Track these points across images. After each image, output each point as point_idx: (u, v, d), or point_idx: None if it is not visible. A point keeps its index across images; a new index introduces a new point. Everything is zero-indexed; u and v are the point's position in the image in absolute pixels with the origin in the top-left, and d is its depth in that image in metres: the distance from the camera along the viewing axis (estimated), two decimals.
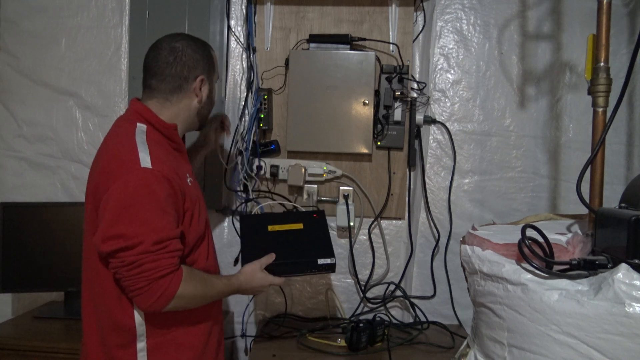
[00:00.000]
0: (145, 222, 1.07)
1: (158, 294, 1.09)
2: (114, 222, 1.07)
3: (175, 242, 1.12)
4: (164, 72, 1.24)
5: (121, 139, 1.18)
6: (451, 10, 1.89)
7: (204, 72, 1.28)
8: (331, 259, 1.43)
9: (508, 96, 1.88)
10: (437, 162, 1.91)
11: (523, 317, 1.01)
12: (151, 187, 1.09)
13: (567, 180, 1.86)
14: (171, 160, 1.20)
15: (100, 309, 1.19)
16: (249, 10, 1.91)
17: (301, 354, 1.60)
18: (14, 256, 1.80)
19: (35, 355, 1.60)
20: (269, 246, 1.41)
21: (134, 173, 1.09)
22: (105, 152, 1.19)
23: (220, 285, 1.25)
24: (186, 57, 1.25)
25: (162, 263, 1.09)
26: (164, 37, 1.28)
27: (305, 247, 1.47)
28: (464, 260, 1.24)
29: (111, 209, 1.07)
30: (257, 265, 1.34)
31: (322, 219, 1.57)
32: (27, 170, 1.99)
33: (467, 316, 1.55)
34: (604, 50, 1.19)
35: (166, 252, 1.09)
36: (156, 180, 1.10)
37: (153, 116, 1.23)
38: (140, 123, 1.22)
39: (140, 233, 1.07)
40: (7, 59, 1.98)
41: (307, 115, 1.85)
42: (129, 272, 1.07)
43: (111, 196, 1.08)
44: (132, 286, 1.08)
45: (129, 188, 1.08)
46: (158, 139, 1.22)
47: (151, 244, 1.07)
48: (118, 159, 1.13)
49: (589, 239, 1.14)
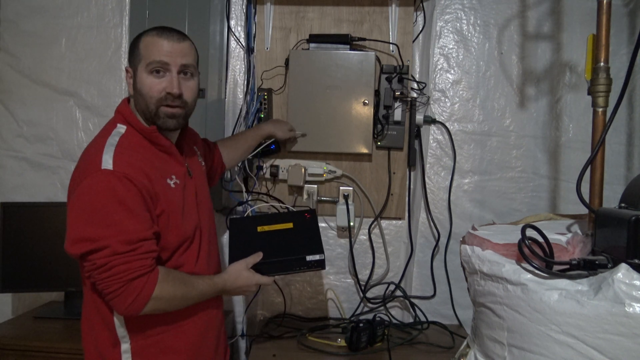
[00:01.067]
0: (112, 223, 1.06)
1: (133, 296, 1.07)
2: (79, 225, 1.06)
3: (148, 244, 1.10)
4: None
5: (94, 142, 1.18)
6: (451, 10, 1.89)
7: (129, 63, 1.24)
8: (320, 255, 1.39)
9: (508, 96, 1.88)
10: (437, 162, 1.91)
11: (523, 317, 1.01)
12: (114, 188, 1.07)
13: (567, 180, 1.86)
14: (148, 162, 1.17)
15: (91, 307, 1.19)
16: (249, 11, 1.91)
17: (301, 354, 1.60)
18: (14, 256, 1.80)
19: (35, 355, 1.60)
20: (257, 246, 1.39)
21: (94, 175, 1.08)
22: (82, 153, 1.20)
23: (202, 285, 1.21)
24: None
25: (134, 265, 1.07)
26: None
27: (294, 245, 1.44)
28: (464, 260, 1.24)
29: (75, 212, 1.07)
30: (243, 265, 1.31)
31: (313, 218, 1.55)
32: (27, 170, 1.99)
33: (467, 316, 1.55)
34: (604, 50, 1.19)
35: (138, 254, 1.07)
36: (118, 180, 1.08)
37: (132, 117, 1.21)
38: (120, 124, 1.20)
39: (107, 235, 1.05)
40: (7, 59, 1.99)
41: (307, 115, 1.85)
42: (101, 275, 1.06)
43: (75, 199, 1.08)
44: (106, 289, 1.07)
45: (91, 190, 1.07)
46: (138, 142, 1.19)
47: (119, 245, 1.05)
48: (83, 162, 1.14)
49: (589, 239, 1.14)
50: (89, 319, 1.20)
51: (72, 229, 1.07)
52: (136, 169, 1.13)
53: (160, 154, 1.23)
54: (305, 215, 1.56)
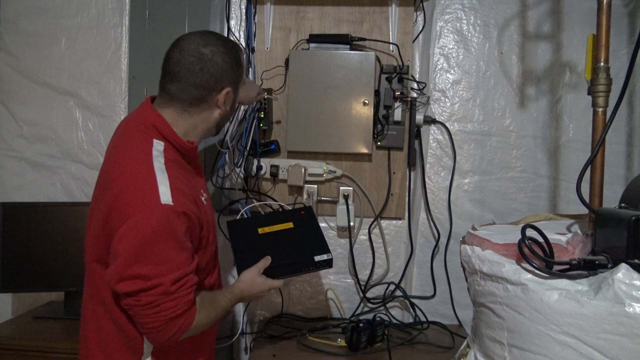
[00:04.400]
0: (165, 260, 1.02)
1: (173, 331, 1.06)
2: (131, 262, 1.00)
3: (192, 277, 1.08)
4: (187, 81, 1.13)
5: (137, 162, 1.08)
6: (451, 10, 1.89)
7: (231, 84, 1.18)
8: (327, 255, 1.41)
9: (508, 96, 1.88)
10: (437, 162, 1.91)
11: (523, 317, 1.01)
12: (172, 225, 1.02)
13: (567, 180, 1.86)
14: (188, 183, 1.13)
15: (108, 322, 1.13)
16: (249, 11, 1.91)
17: (301, 354, 1.60)
18: (14, 256, 1.80)
19: (35, 355, 1.60)
20: (263, 249, 1.39)
21: (154, 211, 1.01)
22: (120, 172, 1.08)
23: (225, 301, 1.22)
24: (214, 67, 1.13)
25: (180, 301, 1.05)
26: (192, 37, 1.15)
27: (300, 246, 1.44)
28: (464, 260, 1.24)
29: (129, 248, 1.00)
30: (255, 271, 1.31)
31: (311, 215, 1.56)
32: (27, 170, 1.99)
33: (467, 316, 1.55)
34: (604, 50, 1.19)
35: (184, 290, 1.05)
36: (177, 217, 1.03)
37: (172, 134, 1.14)
38: (157, 140, 1.12)
39: (160, 273, 1.01)
40: (7, 59, 1.99)
41: (307, 115, 1.85)
42: (145, 312, 1.03)
43: (129, 233, 1.00)
44: (147, 325, 1.04)
45: (149, 227, 1.00)
46: (175, 158, 1.14)
47: (170, 284, 1.02)
48: (136, 190, 1.04)
49: (589, 239, 1.14)
50: (102, 336, 1.14)
51: (123, 266, 1.00)
52: (189, 198, 1.09)
53: (190, 169, 1.21)
54: (301, 213, 1.57)
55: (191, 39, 1.15)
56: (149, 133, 1.13)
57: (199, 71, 1.12)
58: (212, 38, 1.16)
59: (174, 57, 1.14)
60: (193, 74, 1.12)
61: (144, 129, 1.13)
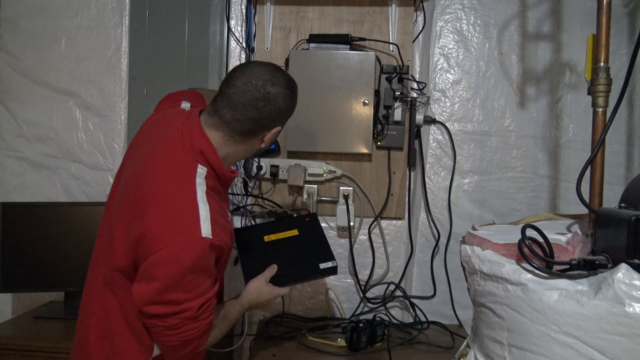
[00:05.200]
0: (195, 287, 1.05)
1: (188, 349, 1.10)
2: (165, 290, 1.03)
3: (214, 300, 1.11)
4: (246, 114, 1.13)
5: (181, 188, 1.08)
6: (451, 10, 1.89)
7: (282, 123, 1.21)
8: (332, 262, 1.44)
9: (508, 96, 1.88)
10: (437, 162, 1.91)
11: (523, 317, 1.01)
12: (207, 256, 1.05)
13: (567, 180, 1.86)
14: (223, 212, 1.17)
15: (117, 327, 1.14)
16: (249, 11, 1.91)
17: (301, 354, 1.60)
18: (14, 256, 1.80)
19: (35, 355, 1.60)
20: (269, 258, 1.42)
21: (194, 243, 1.03)
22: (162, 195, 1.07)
23: (235, 313, 1.26)
24: (275, 107, 1.15)
25: (202, 324, 1.08)
26: (261, 71, 1.15)
27: (305, 253, 1.47)
28: (464, 260, 1.24)
29: (167, 276, 1.02)
30: (262, 280, 1.33)
31: (316, 221, 1.58)
32: (27, 170, 1.99)
33: (467, 316, 1.55)
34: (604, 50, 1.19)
35: (207, 312, 1.09)
36: (212, 249, 1.06)
37: (217, 162, 1.14)
38: (201, 165, 1.12)
39: (189, 299, 1.05)
40: (7, 59, 1.99)
41: (307, 115, 1.85)
42: (167, 331, 1.06)
43: (168, 261, 1.02)
44: (166, 343, 1.08)
45: (188, 258, 1.02)
46: (214, 185, 1.15)
47: (197, 308, 1.06)
48: (178, 217, 1.05)
49: (589, 239, 1.14)
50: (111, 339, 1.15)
51: (157, 291, 1.02)
52: (225, 230, 1.12)
53: (223, 193, 1.23)
54: (306, 220, 1.59)
55: (261, 72, 1.15)
56: (194, 156, 1.12)
57: (262, 108, 1.13)
58: (281, 77, 1.17)
59: (238, 85, 1.13)
60: (254, 110, 1.13)
61: (191, 152, 1.12)
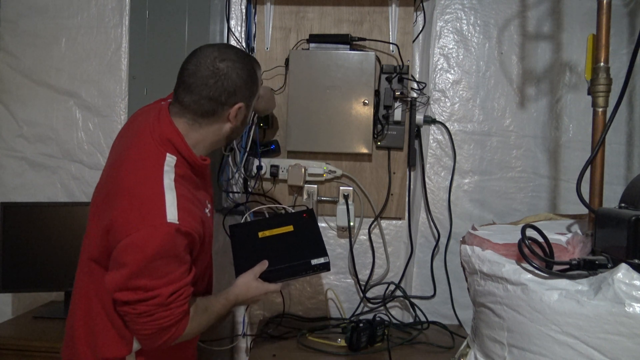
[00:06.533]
0: (164, 274, 1.06)
1: (165, 338, 1.10)
2: (133, 275, 1.03)
3: (187, 288, 1.11)
4: (201, 93, 1.13)
5: (148, 176, 1.09)
6: (451, 10, 1.89)
7: (244, 99, 1.18)
8: (324, 258, 1.41)
9: (508, 96, 1.88)
10: (437, 162, 1.91)
11: (523, 317, 1.01)
12: (176, 243, 1.06)
13: (567, 180, 1.86)
14: (195, 200, 1.16)
15: (98, 320, 1.15)
16: (249, 11, 1.91)
17: (301, 354, 1.60)
18: (14, 256, 1.80)
19: (35, 355, 1.60)
20: (261, 253, 1.39)
21: (159, 228, 1.04)
22: (128, 179, 1.10)
23: (219, 307, 1.24)
24: (228, 82, 1.14)
25: (174, 312, 1.08)
26: (209, 50, 1.16)
27: (297, 249, 1.44)
28: (464, 260, 1.24)
29: (133, 262, 1.03)
30: (251, 275, 1.32)
31: (312, 218, 1.56)
32: (27, 170, 1.99)
33: (467, 316, 1.55)
34: (604, 50, 1.19)
35: (179, 301, 1.08)
36: (181, 235, 1.06)
37: (186, 149, 1.15)
38: (170, 154, 1.13)
39: (158, 285, 1.05)
40: (7, 59, 1.99)
41: (307, 115, 1.85)
42: (140, 319, 1.06)
43: (134, 247, 1.03)
44: (140, 331, 1.08)
45: (154, 243, 1.03)
46: (185, 173, 1.15)
47: (167, 295, 1.06)
48: (144, 205, 1.06)
49: (589, 239, 1.14)
50: (93, 332, 1.16)
51: (125, 277, 1.04)
52: (195, 217, 1.12)
53: (198, 182, 1.22)
54: (303, 216, 1.57)
55: (209, 51, 1.16)
56: (164, 147, 1.14)
57: (213, 85, 1.13)
58: (230, 53, 1.17)
59: (190, 68, 1.15)
60: (207, 87, 1.13)
61: (160, 141, 1.14)
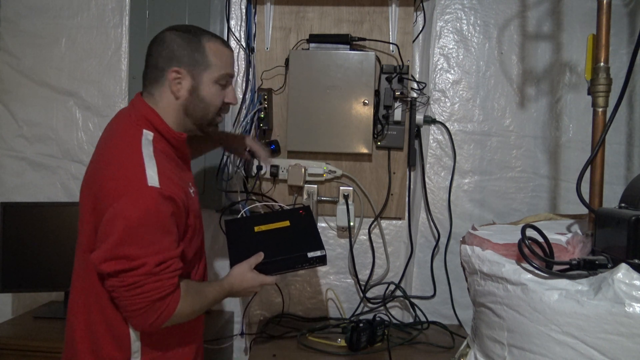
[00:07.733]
0: (150, 243, 1.04)
1: (156, 315, 1.07)
2: (118, 244, 1.02)
3: (176, 262, 1.09)
4: (147, 63, 1.19)
5: (126, 149, 1.10)
6: (451, 10, 1.89)
7: (181, 64, 1.16)
8: (321, 251, 1.38)
9: (508, 96, 1.88)
10: (437, 162, 1.91)
11: (523, 317, 1.01)
12: (158, 208, 1.04)
13: (567, 180, 1.86)
14: (176, 173, 1.15)
15: (98, 320, 1.14)
16: (249, 11, 1.91)
17: (301, 354, 1.60)
18: (14, 256, 1.80)
19: (35, 355, 1.60)
20: (257, 246, 1.38)
21: (141, 192, 1.03)
22: (109, 160, 1.11)
23: (213, 293, 1.23)
24: (168, 49, 1.16)
25: (164, 284, 1.06)
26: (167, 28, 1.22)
27: (294, 242, 1.43)
28: (464, 260, 1.24)
29: (116, 230, 1.02)
30: (246, 266, 1.30)
31: (309, 214, 1.55)
32: (27, 170, 1.99)
33: (467, 316, 1.55)
34: (604, 50, 1.19)
35: (168, 272, 1.07)
36: (164, 199, 1.05)
37: (162, 124, 1.17)
38: (146, 130, 1.15)
39: (145, 254, 1.03)
40: (7, 59, 1.99)
41: (307, 115, 1.85)
42: (128, 293, 1.04)
43: (116, 216, 1.02)
44: (130, 307, 1.06)
45: (136, 209, 1.02)
46: (164, 149, 1.16)
47: (154, 265, 1.04)
48: (124, 174, 1.06)
49: (589, 239, 1.14)
50: (92, 331, 1.15)
51: (110, 246, 1.02)
52: (176, 184, 1.11)
53: (179, 162, 1.22)
54: (300, 212, 1.56)
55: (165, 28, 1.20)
56: (139, 124, 1.15)
57: (155, 52, 1.18)
58: (181, 26, 1.21)
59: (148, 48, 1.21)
60: (151, 57, 1.19)
61: (135, 120, 1.16)
